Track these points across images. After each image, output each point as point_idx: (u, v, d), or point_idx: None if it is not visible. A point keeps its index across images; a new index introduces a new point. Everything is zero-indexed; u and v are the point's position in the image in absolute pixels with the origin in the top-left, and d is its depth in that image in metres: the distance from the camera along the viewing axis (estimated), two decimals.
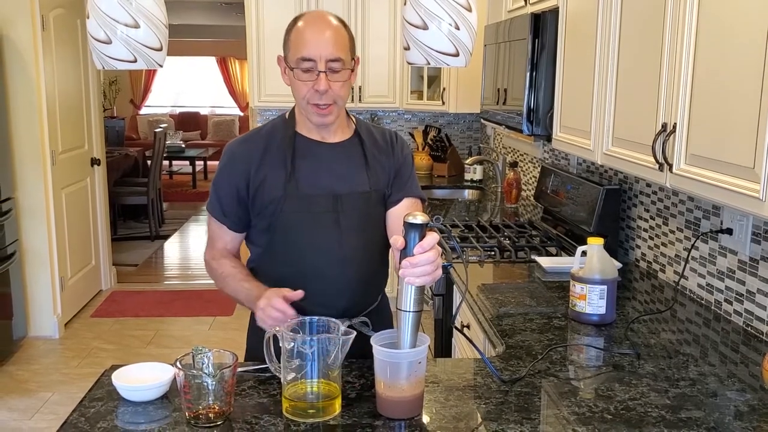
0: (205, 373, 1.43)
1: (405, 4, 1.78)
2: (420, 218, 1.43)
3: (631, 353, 1.86)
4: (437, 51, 1.69)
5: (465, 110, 4.82)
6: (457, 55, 1.69)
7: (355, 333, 1.49)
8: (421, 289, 1.46)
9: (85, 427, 1.43)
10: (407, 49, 1.76)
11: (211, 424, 1.44)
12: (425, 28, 1.67)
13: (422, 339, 1.48)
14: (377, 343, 1.47)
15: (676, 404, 1.57)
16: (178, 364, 1.44)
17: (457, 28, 1.66)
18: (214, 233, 1.93)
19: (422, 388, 1.49)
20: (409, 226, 1.43)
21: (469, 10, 1.66)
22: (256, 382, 1.62)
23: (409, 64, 1.83)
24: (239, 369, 1.60)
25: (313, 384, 1.47)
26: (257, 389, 1.59)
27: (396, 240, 1.46)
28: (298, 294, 1.65)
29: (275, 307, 1.61)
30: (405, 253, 1.44)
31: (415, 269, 1.42)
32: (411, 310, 1.46)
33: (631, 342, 1.95)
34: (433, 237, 1.44)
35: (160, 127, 9.36)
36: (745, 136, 1.52)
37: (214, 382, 1.42)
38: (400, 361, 1.45)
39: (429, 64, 1.72)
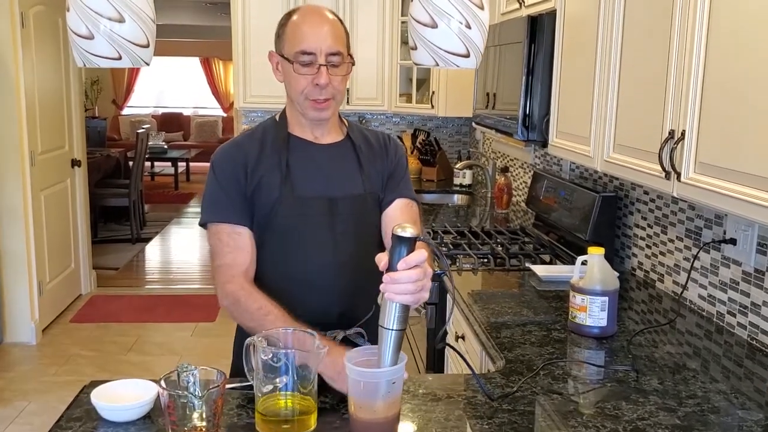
0: (191, 393, 1.34)
1: (412, 1, 1.69)
2: (409, 231, 1.32)
3: (629, 369, 1.79)
4: (446, 51, 1.60)
5: (454, 114, 4.77)
6: (467, 55, 1.60)
7: (326, 348, 1.40)
8: (406, 307, 1.36)
9: None
10: (414, 48, 1.68)
11: None
12: (434, 26, 1.58)
13: (400, 357, 1.38)
14: (351, 361, 1.37)
15: (687, 424, 1.50)
16: (162, 383, 1.35)
17: (468, 27, 1.57)
18: (232, 248, 1.72)
19: (398, 410, 1.40)
20: (396, 239, 1.33)
21: (482, 8, 1.58)
22: (245, 401, 1.53)
23: (416, 65, 1.75)
24: (227, 386, 1.51)
25: (287, 398, 1.40)
26: (246, 408, 1.50)
27: (380, 259, 1.35)
28: None
29: None
30: (389, 266, 1.34)
31: (396, 286, 1.32)
32: (394, 328, 1.36)
33: (633, 356, 1.88)
34: (420, 254, 1.33)
35: (143, 128, 9.23)
36: (761, 143, 1.45)
37: (200, 403, 1.33)
38: (375, 380, 1.35)
39: (438, 65, 1.63)
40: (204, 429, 1.35)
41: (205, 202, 1.78)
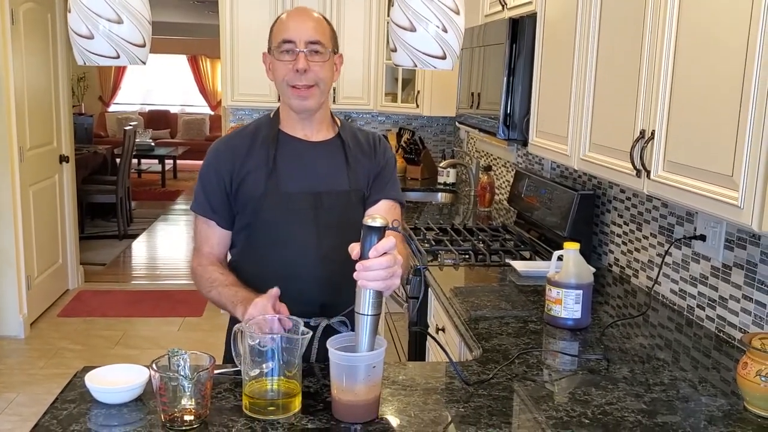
0: (182, 376, 1.41)
1: (393, 5, 1.78)
2: (379, 221, 1.43)
3: (600, 358, 1.87)
4: (424, 53, 1.69)
5: (439, 113, 4.84)
6: (444, 57, 1.69)
7: (311, 333, 1.50)
8: (379, 293, 1.46)
9: (57, 430, 1.40)
10: (394, 50, 1.76)
11: (187, 427, 1.41)
12: (413, 30, 1.67)
13: (379, 342, 1.47)
14: (333, 346, 1.46)
15: (652, 409, 1.58)
16: (154, 365, 1.41)
17: (445, 31, 1.66)
18: (201, 236, 1.90)
19: (378, 393, 1.48)
20: (367, 229, 1.43)
21: (457, 12, 1.67)
22: (233, 385, 1.60)
23: (396, 66, 1.83)
24: (216, 371, 1.58)
25: (273, 381, 1.48)
26: (234, 392, 1.57)
27: (352, 249, 1.46)
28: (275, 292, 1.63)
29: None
30: (361, 255, 1.43)
31: (368, 273, 1.42)
32: (368, 313, 1.45)
33: (605, 347, 1.96)
34: (389, 241, 1.43)
35: (130, 125, 9.25)
36: (724, 144, 1.54)
37: (190, 385, 1.40)
38: (356, 364, 1.44)
39: (416, 66, 1.71)
40: (193, 410, 1.42)
41: (194, 190, 1.91)
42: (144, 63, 1.71)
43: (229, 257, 1.95)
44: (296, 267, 1.82)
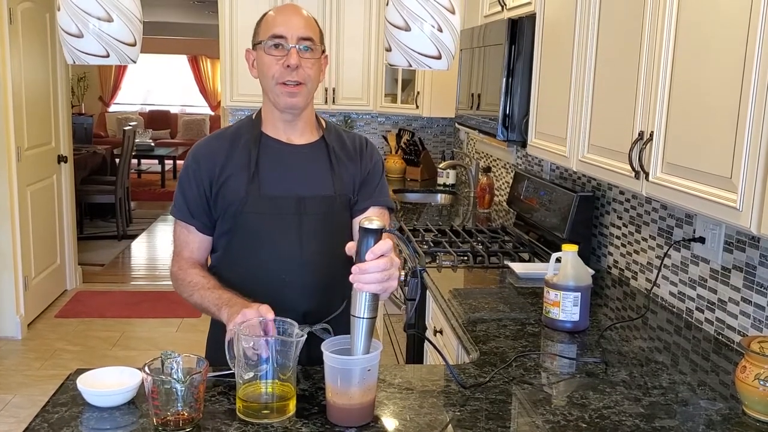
0: (174, 379, 1.39)
1: (387, 4, 1.76)
2: (376, 223, 1.41)
3: (599, 361, 1.85)
4: (419, 53, 1.67)
5: (439, 114, 4.83)
6: (439, 57, 1.67)
7: (305, 335, 1.47)
8: (375, 296, 1.44)
9: None
10: (389, 50, 1.74)
11: (180, 431, 1.40)
12: (407, 29, 1.65)
13: (375, 345, 1.46)
14: (328, 349, 1.44)
15: (649, 413, 1.56)
16: (146, 369, 1.40)
17: (440, 30, 1.64)
18: (181, 241, 1.87)
19: (373, 396, 1.47)
20: (364, 231, 1.41)
21: (452, 12, 1.65)
22: (226, 388, 1.58)
23: (391, 65, 1.81)
24: (209, 374, 1.56)
25: (267, 384, 1.46)
26: (227, 395, 1.55)
27: (349, 249, 1.44)
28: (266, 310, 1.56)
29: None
30: (358, 258, 1.42)
31: (364, 276, 1.40)
32: (364, 316, 1.44)
33: (604, 350, 1.95)
34: (386, 244, 1.41)
35: (130, 125, 9.23)
36: (723, 145, 1.52)
37: (183, 388, 1.39)
38: (351, 367, 1.42)
39: (410, 66, 1.70)
40: (186, 414, 1.40)
41: (174, 194, 1.89)
42: (134, 62, 1.69)
43: (209, 262, 1.92)
44: (278, 273, 1.79)
